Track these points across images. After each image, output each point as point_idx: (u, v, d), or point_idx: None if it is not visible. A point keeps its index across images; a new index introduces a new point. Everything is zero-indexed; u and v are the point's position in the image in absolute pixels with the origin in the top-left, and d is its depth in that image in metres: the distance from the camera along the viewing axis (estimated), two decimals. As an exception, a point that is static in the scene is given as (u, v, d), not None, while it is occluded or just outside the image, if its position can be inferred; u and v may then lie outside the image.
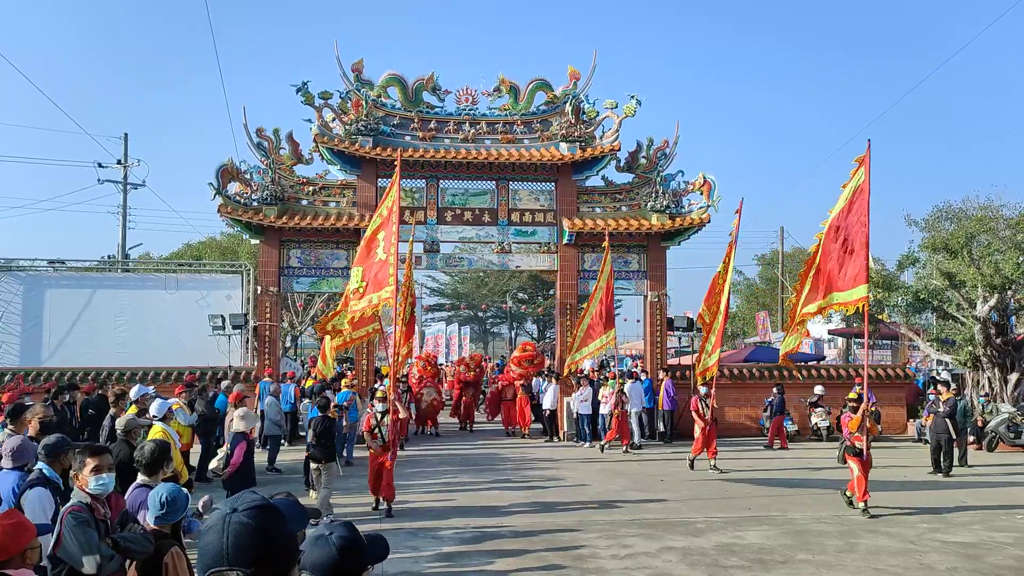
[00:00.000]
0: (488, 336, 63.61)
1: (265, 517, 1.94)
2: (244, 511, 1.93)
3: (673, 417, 19.35)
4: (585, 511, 11.21)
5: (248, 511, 1.93)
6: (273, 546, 1.93)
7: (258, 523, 1.91)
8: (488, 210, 19.91)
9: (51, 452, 5.41)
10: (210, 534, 1.92)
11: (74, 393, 13.60)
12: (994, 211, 22.13)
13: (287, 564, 1.97)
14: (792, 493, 12.62)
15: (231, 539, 1.89)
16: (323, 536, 2.25)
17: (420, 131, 19.55)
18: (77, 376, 18.01)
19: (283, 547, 1.96)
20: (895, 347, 31.42)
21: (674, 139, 20.24)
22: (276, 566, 1.93)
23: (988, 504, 11.75)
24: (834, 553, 8.92)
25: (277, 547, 1.94)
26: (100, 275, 25.16)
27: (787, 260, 41.15)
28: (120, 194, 31.38)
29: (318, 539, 2.28)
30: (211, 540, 1.91)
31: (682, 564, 8.50)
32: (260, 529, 1.91)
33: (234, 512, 1.93)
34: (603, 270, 17.07)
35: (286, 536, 1.99)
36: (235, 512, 1.92)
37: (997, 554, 8.91)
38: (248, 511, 1.93)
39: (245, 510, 1.93)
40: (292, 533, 2.04)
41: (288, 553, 1.98)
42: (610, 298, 16.73)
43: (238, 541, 1.89)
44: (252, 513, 1.93)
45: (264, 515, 1.94)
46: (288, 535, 2.00)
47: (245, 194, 18.68)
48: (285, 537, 1.98)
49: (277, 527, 1.96)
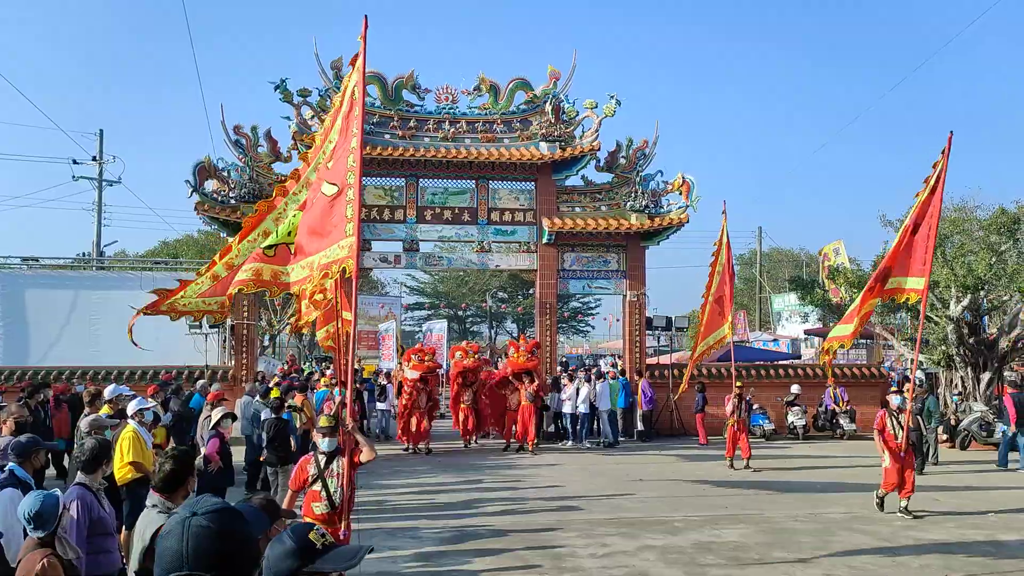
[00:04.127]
0: (468, 335, 63.58)
1: (225, 520, 1.91)
2: (204, 514, 1.90)
3: (651, 416, 19.44)
4: (564, 510, 11.23)
5: (208, 514, 1.90)
6: (233, 550, 1.90)
7: (218, 527, 1.88)
8: (468, 209, 19.89)
9: (22, 452, 5.35)
10: (169, 538, 1.88)
11: (47, 392, 13.42)
12: (968, 212, 22.41)
13: (248, 568, 1.95)
14: (769, 492, 12.73)
15: (191, 543, 1.86)
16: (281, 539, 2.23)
17: (400, 129, 19.48)
18: (51, 375, 17.79)
19: (244, 551, 1.93)
20: (870, 346, 31.75)
21: (653, 139, 20.33)
22: (236, 570, 1.90)
23: (961, 502, 11.91)
24: (809, 551, 9.01)
25: (238, 551, 1.91)
26: (76, 273, 24.91)
27: (765, 260, 41.45)
28: (95, 191, 31.02)
29: (277, 542, 2.26)
30: (170, 544, 1.87)
31: (660, 563, 8.55)
32: (220, 533, 1.88)
33: (194, 516, 1.89)
34: (718, 253, 15.53)
35: (247, 540, 1.96)
36: (195, 516, 1.89)
37: (969, 550, 9.03)
38: (208, 514, 1.90)
39: (205, 513, 1.90)
40: (253, 537, 2.01)
41: (249, 557, 1.95)
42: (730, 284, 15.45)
43: (198, 545, 1.86)
44: (212, 517, 1.89)
45: (224, 518, 1.91)
46: (249, 539, 1.98)
47: (223, 192, 18.51)
48: (246, 541, 1.96)
49: (238, 530, 1.93)
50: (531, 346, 18.14)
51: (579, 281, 20.51)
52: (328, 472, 6.70)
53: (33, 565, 4.20)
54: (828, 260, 31.56)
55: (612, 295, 21.44)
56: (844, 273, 23.34)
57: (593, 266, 20.35)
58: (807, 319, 34.81)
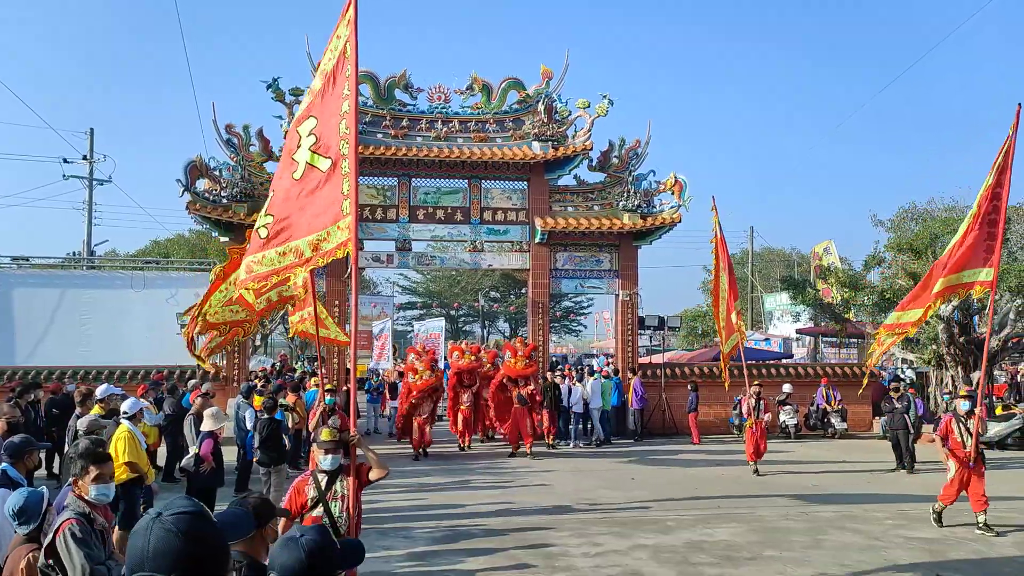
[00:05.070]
0: (460, 335, 63.55)
1: (189, 524, 1.91)
2: (169, 516, 1.90)
3: (643, 415, 19.49)
4: (556, 510, 11.24)
5: (173, 517, 1.90)
6: (196, 553, 1.89)
7: (180, 529, 1.88)
8: (460, 209, 19.89)
9: (15, 452, 5.33)
10: (136, 537, 1.90)
11: (38, 392, 13.37)
12: (958, 212, 22.55)
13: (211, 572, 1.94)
14: (761, 490, 12.77)
15: (151, 544, 1.86)
16: (293, 539, 2.24)
17: (392, 129, 19.47)
18: (42, 375, 17.71)
19: (208, 555, 1.93)
20: (861, 345, 31.89)
21: (646, 139, 20.38)
22: (199, 572, 1.90)
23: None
24: (801, 549, 9.05)
25: (201, 554, 1.90)
26: (67, 273, 24.82)
27: (756, 260, 41.55)
28: (86, 190, 30.89)
29: (288, 541, 2.27)
30: (135, 543, 1.89)
31: (652, 562, 8.57)
32: (182, 535, 1.88)
33: (159, 517, 1.90)
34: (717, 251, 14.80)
35: (212, 544, 1.96)
36: (160, 517, 1.90)
37: (959, 549, 9.09)
38: (173, 517, 1.90)
39: (170, 515, 1.90)
40: (220, 543, 2.00)
41: (215, 561, 1.95)
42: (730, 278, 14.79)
43: (157, 546, 1.86)
44: (177, 519, 1.90)
45: (189, 522, 1.91)
46: (216, 544, 1.97)
47: (214, 191, 18.46)
48: (211, 545, 1.95)
49: (202, 534, 1.92)
50: (529, 350, 17.01)
51: (572, 280, 20.54)
52: (331, 494, 5.81)
53: (19, 561, 4.19)
54: (819, 260, 31.70)
55: (605, 294, 21.48)
56: (835, 273, 23.47)
57: (586, 265, 20.39)
58: (799, 318, 34.97)
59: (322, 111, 6.12)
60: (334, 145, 5.93)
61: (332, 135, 5.96)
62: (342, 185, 5.79)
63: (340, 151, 5.87)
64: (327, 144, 5.99)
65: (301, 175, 6.11)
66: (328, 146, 5.97)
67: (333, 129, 5.96)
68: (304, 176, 6.09)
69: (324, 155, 5.95)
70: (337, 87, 6.04)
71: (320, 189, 5.95)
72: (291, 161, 6.24)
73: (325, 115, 6.09)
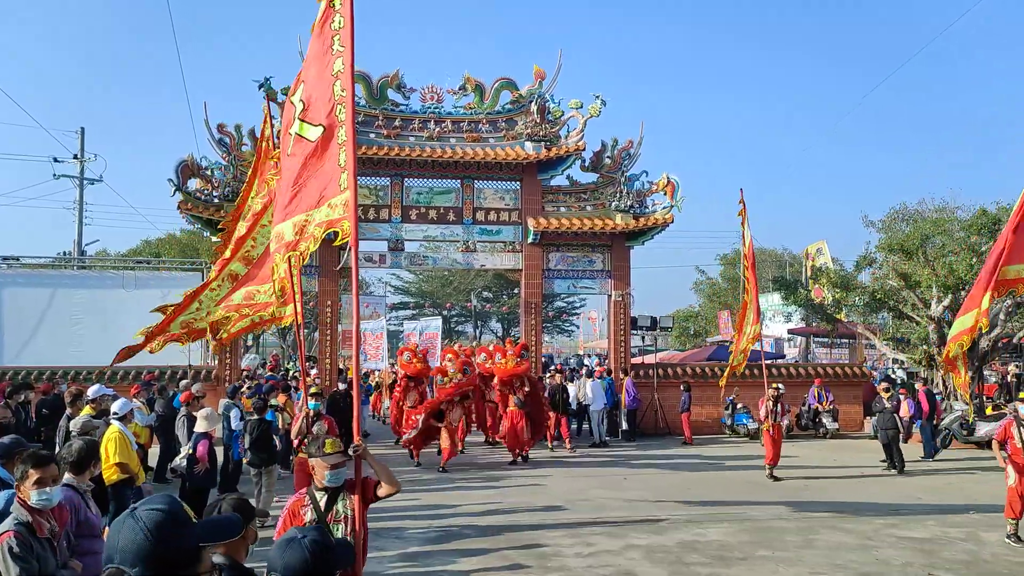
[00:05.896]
0: (453, 335, 63.54)
1: (158, 522, 1.96)
2: (141, 512, 1.97)
3: (635, 415, 19.51)
4: (549, 510, 11.24)
5: (145, 513, 1.97)
6: (160, 553, 1.94)
7: (147, 527, 1.94)
8: (453, 209, 19.87)
9: (6, 453, 5.30)
10: (112, 530, 1.98)
11: (28, 393, 13.29)
12: (948, 213, 22.70)
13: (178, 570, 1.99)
14: (753, 490, 12.81)
15: (121, 539, 1.94)
16: (295, 539, 2.26)
17: (385, 129, 19.44)
18: (32, 375, 17.61)
19: (173, 554, 1.98)
20: (852, 346, 32.02)
21: (638, 139, 20.39)
22: (164, 570, 1.95)
23: (941, 500, 12.03)
24: (793, 549, 9.07)
25: (166, 553, 1.96)
26: (57, 273, 24.71)
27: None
28: (76, 189, 30.76)
29: (290, 542, 2.28)
30: (111, 536, 1.97)
31: (645, 562, 8.58)
32: (148, 532, 1.94)
33: (132, 512, 1.98)
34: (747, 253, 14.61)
35: (178, 545, 2.00)
36: (133, 512, 1.98)
37: (950, 549, 9.13)
38: (145, 513, 1.97)
39: (143, 512, 1.97)
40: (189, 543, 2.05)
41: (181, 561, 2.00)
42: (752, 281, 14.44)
43: (124, 541, 1.94)
44: (148, 516, 1.96)
45: (157, 520, 1.96)
46: (183, 544, 2.02)
47: (206, 191, 18.40)
48: (176, 546, 2.00)
49: (168, 534, 1.97)
50: (519, 349, 16.35)
51: (564, 281, 20.54)
52: (331, 515, 4.88)
53: None
54: (811, 260, 31.81)
55: (597, 295, 21.50)
56: (827, 273, 23.54)
57: (578, 266, 20.39)
58: (790, 319, 35.07)
59: (309, 73, 5.33)
60: (325, 110, 5.14)
61: (323, 99, 5.17)
62: (338, 156, 5.01)
63: (336, 116, 5.07)
64: (317, 109, 5.20)
65: (291, 149, 5.40)
66: (319, 111, 5.19)
67: (325, 92, 5.16)
68: (294, 150, 5.36)
69: (313, 123, 5.19)
70: (325, 42, 5.19)
71: (310, 161, 5.17)
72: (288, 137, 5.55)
73: (313, 76, 5.27)
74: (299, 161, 5.24)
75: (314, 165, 5.15)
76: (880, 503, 11.73)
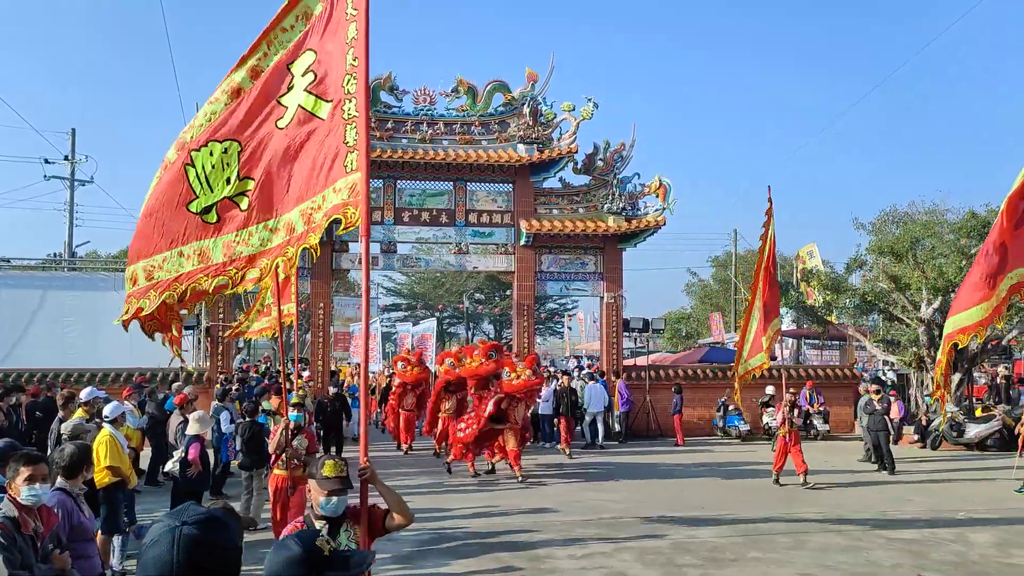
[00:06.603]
0: (445, 336, 63.49)
1: (214, 529, 1.92)
2: (193, 523, 1.90)
3: (628, 418, 19.56)
4: (542, 512, 11.25)
5: (197, 523, 1.91)
6: (220, 559, 1.92)
7: (208, 536, 1.90)
8: (446, 211, 19.89)
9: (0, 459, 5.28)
10: (157, 547, 1.88)
11: (19, 395, 13.23)
12: (938, 216, 22.83)
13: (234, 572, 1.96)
14: (745, 492, 12.86)
15: (182, 553, 1.86)
16: (283, 543, 2.26)
17: (377, 131, 19.42)
18: (23, 378, 17.52)
19: (231, 559, 1.95)
20: (843, 347, 32.15)
21: (630, 142, 20.44)
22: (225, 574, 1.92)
23: (931, 501, 12.10)
24: (784, 551, 9.12)
25: (225, 559, 1.93)
26: (47, 274, 24.58)
27: (740, 262, 41.82)
28: (67, 191, 30.61)
29: (279, 546, 2.28)
30: (158, 554, 1.87)
31: (637, 564, 8.61)
32: (210, 542, 1.89)
33: (184, 525, 1.90)
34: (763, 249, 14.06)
35: (233, 548, 1.98)
36: (184, 525, 1.90)
37: (940, 550, 9.19)
38: (197, 523, 1.91)
39: (194, 523, 1.91)
40: (237, 546, 2.02)
41: (234, 565, 1.97)
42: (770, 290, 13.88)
43: (189, 555, 1.86)
44: (201, 526, 1.91)
45: (213, 527, 1.92)
46: (235, 547, 1.99)
47: (198, 192, 18.32)
48: (232, 549, 1.97)
49: (225, 539, 1.95)
50: (531, 361, 14.54)
51: (557, 283, 20.58)
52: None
53: None
54: (803, 263, 31.93)
55: (590, 297, 21.55)
56: (818, 275, 23.66)
57: (571, 268, 20.44)
58: (781, 321, 35.12)
59: (322, 43, 4.69)
60: (335, 83, 4.57)
61: (338, 71, 4.56)
62: (344, 133, 4.43)
63: (345, 89, 4.51)
64: (331, 83, 4.59)
65: (288, 123, 4.75)
66: (331, 86, 4.60)
67: (339, 63, 4.55)
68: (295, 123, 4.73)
69: (325, 98, 4.59)
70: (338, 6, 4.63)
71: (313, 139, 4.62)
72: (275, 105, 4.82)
73: (327, 46, 4.65)
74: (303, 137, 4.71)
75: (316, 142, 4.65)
76: (870, 504, 11.79)
